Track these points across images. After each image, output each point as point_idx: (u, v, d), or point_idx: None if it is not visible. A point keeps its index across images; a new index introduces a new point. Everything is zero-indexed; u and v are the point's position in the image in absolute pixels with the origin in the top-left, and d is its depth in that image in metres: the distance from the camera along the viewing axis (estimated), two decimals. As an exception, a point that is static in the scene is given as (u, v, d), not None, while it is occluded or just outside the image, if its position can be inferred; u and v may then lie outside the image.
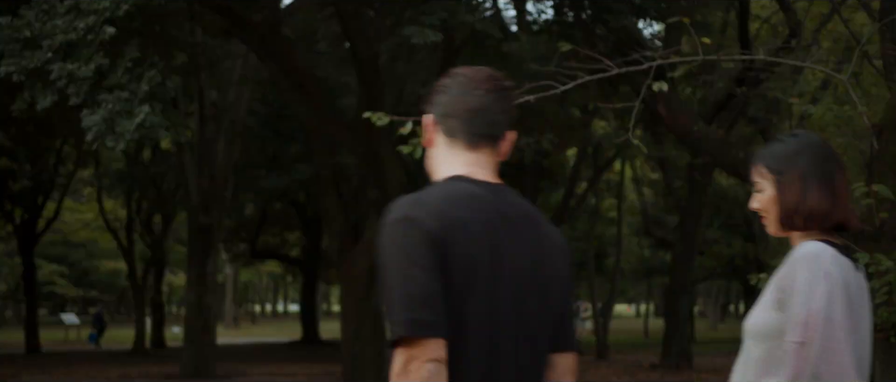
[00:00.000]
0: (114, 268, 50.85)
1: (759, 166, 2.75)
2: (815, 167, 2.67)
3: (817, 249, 2.58)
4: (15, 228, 29.94)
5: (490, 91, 2.41)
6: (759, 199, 2.76)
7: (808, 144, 2.71)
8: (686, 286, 23.92)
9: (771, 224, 2.77)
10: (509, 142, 2.45)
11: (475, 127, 2.39)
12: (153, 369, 23.07)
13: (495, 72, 2.48)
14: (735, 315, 69.46)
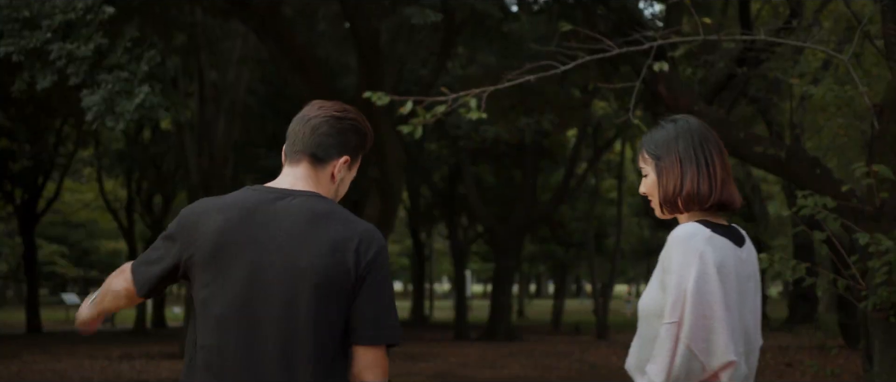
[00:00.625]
0: (114, 248, 50.89)
1: (643, 152, 2.88)
2: (692, 151, 2.77)
3: (692, 230, 2.67)
4: (15, 208, 29.95)
5: (320, 117, 2.77)
6: (644, 183, 2.89)
7: (685, 129, 2.82)
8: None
9: (656, 208, 2.88)
10: (339, 164, 2.75)
11: (295, 146, 2.80)
12: (154, 348, 23.14)
13: (342, 106, 2.84)
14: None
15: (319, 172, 2.77)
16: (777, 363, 18.72)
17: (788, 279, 7.40)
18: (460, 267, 31.39)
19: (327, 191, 2.76)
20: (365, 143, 2.84)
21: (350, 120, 2.80)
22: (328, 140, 2.75)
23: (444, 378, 16.69)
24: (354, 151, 2.80)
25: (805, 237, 25.68)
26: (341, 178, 2.78)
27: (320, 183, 2.76)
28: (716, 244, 2.67)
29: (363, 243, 2.60)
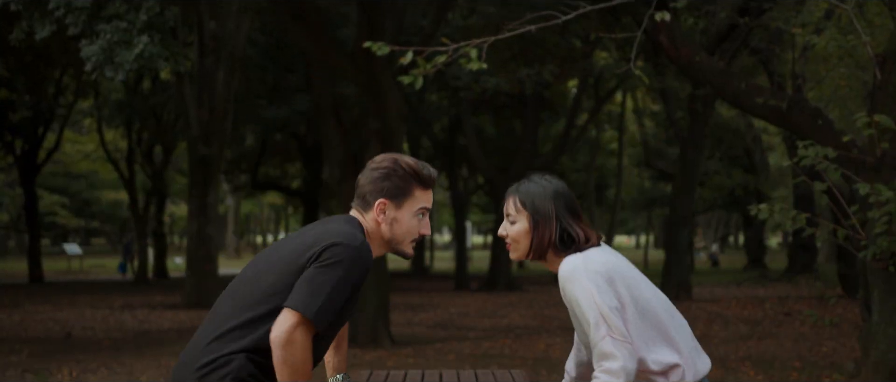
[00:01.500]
0: (115, 199, 50.95)
1: (516, 201, 3.31)
2: (568, 209, 3.28)
3: (575, 262, 3.12)
4: (15, 158, 29.94)
5: (365, 169, 3.28)
6: (510, 229, 3.31)
7: (560, 190, 3.30)
8: (686, 217, 23.98)
9: (518, 252, 3.32)
10: (378, 207, 3.22)
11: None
12: (156, 298, 23.24)
13: (382, 157, 3.29)
14: (734, 246, 69.79)
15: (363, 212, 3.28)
16: (776, 312, 18.81)
17: (788, 229, 7.41)
18: (461, 218, 31.44)
19: (370, 227, 3.24)
20: (403, 184, 3.25)
21: (382, 168, 3.25)
22: (365, 188, 3.26)
23: (445, 327, 16.79)
24: (390, 193, 3.23)
25: (805, 188, 25.70)
26: (390, 219, 3.23)
27: (365, 220, 3.25)
28: (598, 258, 3.16)
29: (319, 243, 3.05)
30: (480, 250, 66.81)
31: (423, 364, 11.70)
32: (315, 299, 2.95)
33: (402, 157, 3.26)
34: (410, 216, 3.24)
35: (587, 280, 3.07)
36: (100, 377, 10.62)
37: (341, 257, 3.00)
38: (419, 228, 3.27)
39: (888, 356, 7.99)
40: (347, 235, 3.06)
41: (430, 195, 3.29)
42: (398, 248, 3.28)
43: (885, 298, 8.06)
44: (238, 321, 3.04)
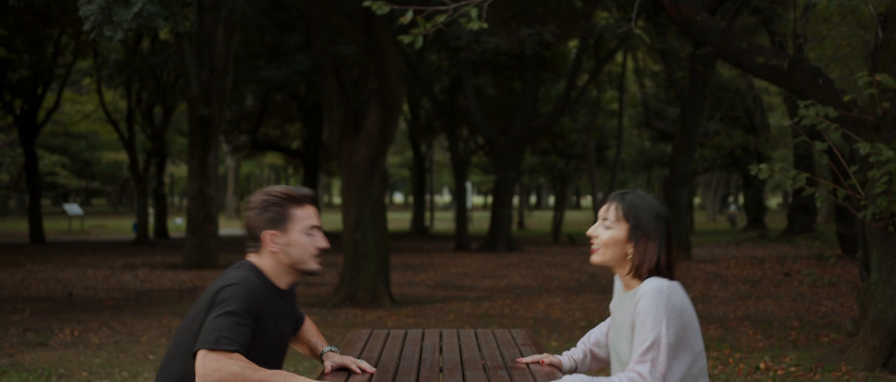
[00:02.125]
0: (115, 159, 50.95)
1: (618, 209, 3.37)
2: (669, 234, 3.35)
3: (663, 287, 3.22)
4: (15, 118, 29.89)
5: (244, 213, 3.55)
6: (603, 233, 3.37)
7: (663, 213, 3.36)
8: (686, 177, 23.98)
9: (603, 257, 3.39)
10: (268, 240, 3.45)
11: None
12: (157, 258, 23.30)
13: (253, 195, 3.55)
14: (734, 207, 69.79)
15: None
16: (775, 272, 18.86)
17: (788, 189, 7.41)
18: (461, 179, 31.44)
19: (268, 262, 3.47)
20: (280, 210, 3.44)
21: (257, 204, 3.48)
22: (250, 227, 3.49)
23: (445, 287, 16.84)
24: (273, 223, 3.44)
25: (805, 149, 25.68)
26: (284, 245, 3.43)
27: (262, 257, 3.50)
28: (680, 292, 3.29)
29: (209, 296, 3.33)
30: (480, 211, 66.90)
31: (423, 323, 11.75)
32: (212, 333, 3.16)
33: (272, 188, 3.47)
34: (301, 236, 3.43)
35: (665, 309, 3.19)
36: (101, 336, 10.67)
37: (229, 294, 3.24)
38: (315, 243, 3.45)
39: (886, 314, 8.03)
40: (232, 278, 3.32)
41: (311, 212, 3.47)
42: (303, 267, 3.45)
43: (883, 257, 8.08)
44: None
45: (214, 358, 3.13)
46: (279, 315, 3.43)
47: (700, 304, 13.89)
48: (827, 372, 8.01)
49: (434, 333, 4.64)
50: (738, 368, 8.34)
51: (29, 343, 10.09)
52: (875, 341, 8.07)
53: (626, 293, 3.42)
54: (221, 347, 3.14)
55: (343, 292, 13.95)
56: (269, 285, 3.39)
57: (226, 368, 3.12)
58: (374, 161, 13.96)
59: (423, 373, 3.53)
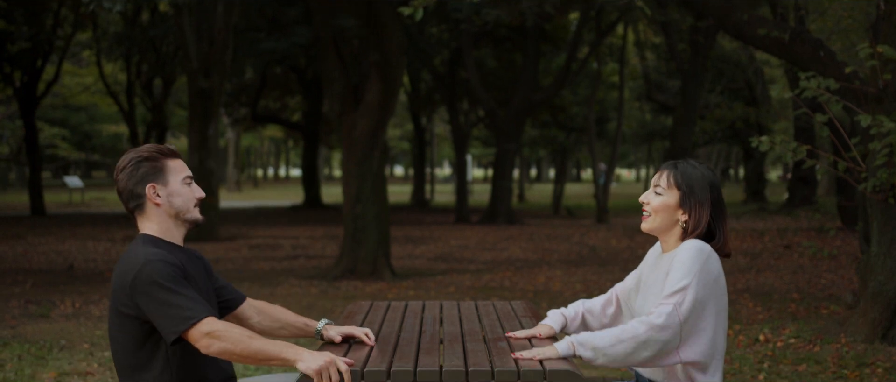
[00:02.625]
0: (115, 132, 50.89)
1: (671, 177, 3.49)
2: (722, 204, 3.52)
3: (706, 250, 3.38)
4: (15, 90, 29.83)
5: (116, 180, 3.50)
6: (654, 200, 3.48)
7: (715, 182, 3.49)
8: (686, 149, 23.96)
9: (653, 224, 3.49)
10: (150, 193, 3.46)
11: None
12: (157, 231, 23.29)
13: (121, 159, 3.51)
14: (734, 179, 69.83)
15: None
16: (775, 245, 18.88)
17: (788, 161, 7.42)
18: (461, 152, 31.42)
19: (154, 219, 3.49)
20: (154, 163, 3.44)
21: (129, 163, 3.45)
22: (128, 188, 3.46)
23: (445, 260, 16.87)
24: (151, 176, 3.44)
25: (806, 121, 25.64)
26: (166, 196, 3.45)
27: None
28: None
29: (122, 286, 3.31)
30: (481, 183, 66.90)
31: (423, 295, 11.77)
32: (175, 312, 3.17)
33: (138, 147, 3.48)
34: (180, 186, 3.47)
35: (701, 265, 3.31)
36: (102, 308, 10.70)
37: (145, 279, 3.22)
38: (194, 193, 3.51)
39: (886, 286, 8.04)
40: (131, 264, 3.28)
41: (182, 164, 3.51)
42: (187, 217, 3.48)
43: (883, 229, 8.08)
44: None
45: (202, 329, 3.16)
46: (193, 268, 3.46)
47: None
48: (826, 344, 8.03)
49: (434, 305, 4.65)
50: (738, 340, 8.37)
51: (30, 315, 10.12)
52: (875, 313, 8.09)
53: (664, 255, 3.50)
54: (199, 316, 3.17)
55: (343, 264, 13.97)
56: (166, 245, 3.40)
57: (222, 334, 3.15)
58: (374, 134, 13.95)
59: (424, 345, 3.54)
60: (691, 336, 3.30)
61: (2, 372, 7.08)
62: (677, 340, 3.26)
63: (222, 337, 3.14)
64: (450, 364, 3.19)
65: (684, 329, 3.26)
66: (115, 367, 3.40)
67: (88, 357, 7.76)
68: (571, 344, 3.28)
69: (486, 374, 3.09)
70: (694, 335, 3.30)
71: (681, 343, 3.28)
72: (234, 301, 3.74)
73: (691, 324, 3.29)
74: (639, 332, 3.25)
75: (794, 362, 7.36)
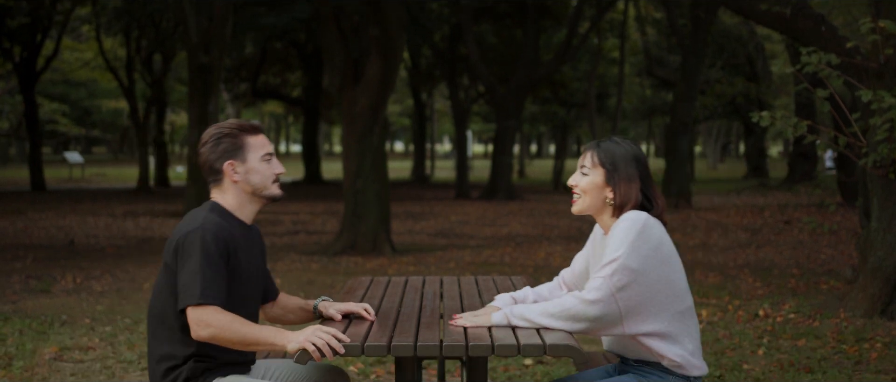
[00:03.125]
0: (115, 107, 50.82)
1: (594, 156, 3.48)
2: (648, 175, 3.48)
3: (642, 217, 3.33)
4: (14, 65, 29.78)
5: (198, 151, 3.52)
6: (581, 181, 3.49)
7: (640, 156, 3.48)
8: (687, 125, 23.93)
9: (582, 205, 3.49)
10: (228, 170, 3.49)
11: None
12: (158, 206, 23.34)
13: (205, 132, 3.54)
14: (735, 155, 69.84)
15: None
16: (776, 220, 18.90)
17: (789, 136, 7.40)
18: (461, 127, 31.39)
19: (230, 194, 3.51)
20: (235, 140, 3.47)
21: (210, 138, 3.49)
22: (208, 162, 3.50)
23: (446, 235, 16.88)
24: (230, 153, 3.48)
25: (807, 97, 25.59)
26: (244, 173, 3.48)
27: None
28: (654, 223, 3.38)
29: (172, 246, 3.39)
30: (481, 159, 66.89)
31: (423, 271, 11.79)
32: (192, 286, 3.25)
33: (221, 122, 3.53)
34: (259, 163, 3.50)
35: (635, 234, 3.28)
36: (103, 283, 10.72)
37: (193, 241, 3.30)
38: (272, 169, 3.53)
39: (885, 261, 8.05)
40: (188, 224, 3.37)
41: (263, 140, 3.53)
42: (266, 194, 3.53)
43: (883, 204, 8.09)
44: (160, 341, 3.42)
45: (206, 313, 3.25)
46: (247, 248, 3.49)
47: (700, 252, 13.93)
48: (826, 319, 8.05)
49: (435, 280, 4.66)
50: (738, 315, 8.39)
51: (31, 290, 10.13)
52: (874, 288, 8.11)
53: (605, 237, 3.48)
54: (203, 299, 3.25)
55: (344, 240, 13.99)
56: (232, 219, 3.45)
57: (216, 323, 3.25)
58: (374, 110, 13.93)
59: (424, 320, 3.55)
60: (636, 307, 3.28)
61: (3, 347, 7.10)
62: (615, 313, 3.25)
63: (212, 324, 3.25)
64: (450, 338, 3.19)
65: (623, 302, 3.25)
66: (148, 319, 3.49)
67: (90, 332, 7.78)
68: (506, 316, 3.34)
69: (486, 348, 3.10)
70: (638, 305, 3.28)
71: (624, 315, 3.27)
72: (272, 295, 3.82)
73: (631, 296, 3.26)
74: (569, 306, 3.26)
75: (794, 337, 7.38)
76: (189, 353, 3.37)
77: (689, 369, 3.37)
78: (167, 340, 3.39)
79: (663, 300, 3.31)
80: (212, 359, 3.39)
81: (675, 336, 3.34)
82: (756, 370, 6.34)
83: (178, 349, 3.37)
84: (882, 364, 6.42)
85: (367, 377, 6.32)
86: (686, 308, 3.38)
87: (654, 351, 3.34)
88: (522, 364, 6.59)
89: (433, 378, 6.19)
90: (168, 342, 3.39)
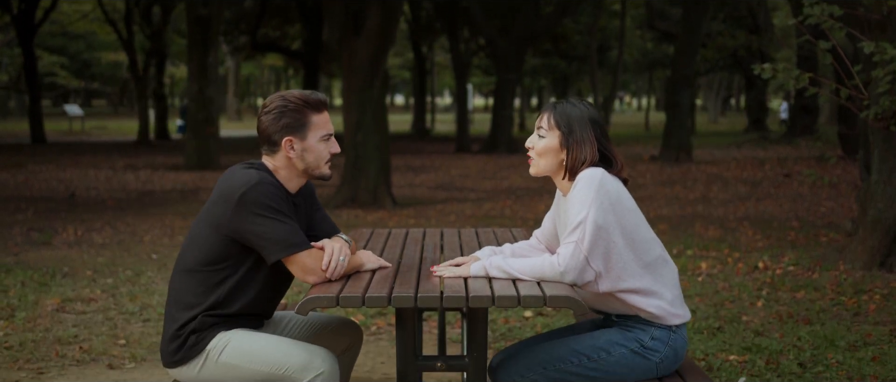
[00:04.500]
0: (114, 60, 50.64)
1: (550, 118, 3.46)
2: (605, 136, 3.46)
3: (597, 173, 3.33)
4: (13, 18, 29.64)
5: (260, 114, 3.50)
6: (537, 143, 3.48)
7: (595, 117, 3.46)
8: (688, 78, 23.86)
9: (538, 168, 3.51)
10: (286, 145, 3.44)
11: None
12: (158, 159, 23.34)
13: (271, 98, 3.49)
14: (736, 108, 69.69)
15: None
16: (776, 173, 18.91)
17: (790, 87, 7.37)
18: (462, 81, 31.30)
19: (282, 165, 3.48)
20: (299, 116, 3.43)
21: (275, 108, 3.44)
22: (268, 132, 3.46)
23: (446, 188, 16.89)
24: (291, 129, 3.44)
25: (809, 50, 25.49)
26: (300, 151, 3.45)
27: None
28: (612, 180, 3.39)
29: (227, 199, 3.35)
30: (481, 112, 66.78)
31: (424, 224, 11.81)
32: (279, 237, 3.30)
33: (288, 92, 3.46)
34: (317, 143, 3.46)
35: (595, 192, 3.28)
36: (104, 236, 10.74)
37: (260, 196, 3.31)
38: (329, 149, 3.50)
39: (885, 214, 8.06)
40: (250, 177, 3.34)
41: (326, 118, 3.50)
42: (316, 173, 3.50)
43: (884, 157, 8.08)
44: (189, 288, 3.43)
45: (303, 258, 3.34)
46: (293, 215, 3.49)
47: (700, 205, 13.95)
48: (825, 271, 8.08)
49: (435, 232, 4.66)
50: (737, 267, 8.41)
51: (33, 242, 10.16)
52: (873, 240, 8.13)
53: (564, 198, 3.48)
54: (301, 247, 3.33)
55: (344, 193, 14.00)
56: (280, 187, 3.44)
57: (311, 265, 3.34)
58: (374, 63, 13.89)
59: (425, 271, 3.56)
60: (608, 265, 3.32)
61: (6, 298, 7.13)
62: (589, 273, 3.28)
63: (313, 267, 3.34)
64: (450, 290, 3.20)
65: (595, 263, 3.28)
66: (176, 268, 3.50)
67: (91, 283, 7.81)
68: (484, 267, 3.36)
69: (487, 300, 3.11)
70: (610, 262, 3.32)
71: (599, 275, 3.30)
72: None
73: (602, 253, 3.29)
74: (544, 272, 3.29)
75: (793, 289, 7.40)
76: (208, 305, 3.40)
77: (669, 319, 3.41)
78: (192, 292, 3.42)
79: (631, 254, 3.34)
80: (221, 314, 3.41)
81: (650, 288, 3.37)
82: (755, 321, 6.37)
83: (200, 299, 3.41)
84: (880, 316, 6.45)
85: (368, 328, 6.35)
86: (656, 258, 3.40)
87: (632, 305, 3.38)
88: (522, 316, 6.62)
89: (434, 329, 6.22)
90: (193, 293, 3.41)
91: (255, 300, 3.47)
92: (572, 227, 3.28)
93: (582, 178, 3.33)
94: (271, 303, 3.60)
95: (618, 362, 3.41)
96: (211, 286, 3.40)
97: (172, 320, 3.45)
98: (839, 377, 5.02)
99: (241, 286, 3.43)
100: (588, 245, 3.25)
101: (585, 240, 3.25)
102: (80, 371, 5.34)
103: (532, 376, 3.44)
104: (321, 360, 3.33)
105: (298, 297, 6.94)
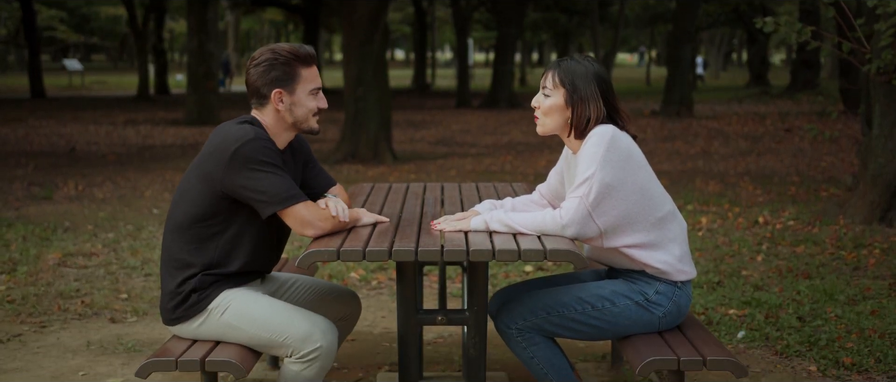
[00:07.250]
0: (114, 14, 50.39)
1: (555, 76, 3.43)
2: (611, 92, 3.46)
3: (609, 131, 3.33)
4: (11, -28, 29.47)
5: (249, 67, 3.50)
6: (543, 102, 3.46)
7: (601, 73, 3.44)
8: (690, 33, 23.74)
9: (544, 127, 3.48)
10: (275, 98, 3.44)
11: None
12: (158, 114, 23.30)
13: (259, 51, 3.49)
14: (737, 63, 69.46)
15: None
16: (776, 128, 18.87)
17: (792, 41, 7.33)
18: (462, 35, 31.16)
19: (271, 119, 3.48)
20: (288, 69, 3.43)
21: (264, 61, 3.44)
22: (256, 84, 3.47)
23: (447, 144, 16.88)
24: (280, 82, 3.44)
25: (811, 3, 25.36)
26: (289, 105, 3.45)
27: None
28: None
29: (221, 153, 3.34)
30: (482, 68, 66.56)
31: (424, 178, 11.82)
32: (275, 190, 3.30)
33: (277, 45, 3.47)
34: (306, 97, 3.46)
35: (605, 149, 3.28)
36: (105, 190, 10.75)
37: (255, 150, 3.30)
38: (317, 103, 3.49)
39: (886, 169, 8.06)
40: (244, 132, 3.33)
41: (315, 72, 3.51)
42: (304, 127, 3.49)
43: (886, 111, 8.07)
44: (181, 246, 3.43)
45: (300, 210, 3.34)
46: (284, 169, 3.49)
47: (701, 160, 13.94)
48: (825, 226, 8.09)
49: (436, 187, 4.67)
50: (737, 222, 8.42)
51: (34, 197, 10.17)
52: (874, 195, 8.13)
53: (574, 156, 3.48)
54: (296, 199, 3.34)
55: (345, 148, 13.99)
56: (273, 142, 3.43)
57: (311, 217, 3.36)
58: (375, 17, 13.82)
59: (425, 225, 3.56)
60: (615, 221, 3.32)
61: (7, 252, 7.15)
62: (592, 229, 3.29)
63: (310, 219, 3.35)
64: (451, 244, 3.21)
65: (601, 219, 3.28)
66: (167, 225, 3.49)
67: (92, 238, 7.82)
68: (485, 221, 3.37)
69: (487, 253, 3.11)
70: (617, 219, 3.32)
71: (604, 232, 3.32)
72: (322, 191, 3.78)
73: (608, 210, 3.29)
74: (546, 225, 3.29)
75: (793, 243, 7.42)
76: (205, 263, 3.40)
77: (675, 275, 3.43)
78: (186, 249, 3.41)
79: (642, 210, 3.34)
80: (221, 273, 3.42)
81: (658, 243, 3.39)
82: (755, 275, 6.38)
83: (195, 257, 3.40)
84: (880, 270, 6.47)
85: (368, 283, 6.37)
86: (666, 214, 3.41)
87: (637, 260, 3.40)
88: (523, 271, 6.64)
89: (434, 283, 6.24)
90: (186, 250, 3.41)
91: (252, 256, 3.46)
92: (579, 182, 3.28)
93: (593, 135, 3.33)
94: (270, 259, 3.59)
95: (621, 313, 3.44)
96: (203, 243, 3.40)
97: (169, 278, 3.45)
98: (838, 330, 5.04)
99: (235, 243, 3.43)
100: (592, 201, 3.25)
101: (591, 196, 3.25)
102: (82, 325, 5.36)
103: (535, 320, 3.45)
104: (321, 333, 3.33)
105: (299, 252, 6.96)
